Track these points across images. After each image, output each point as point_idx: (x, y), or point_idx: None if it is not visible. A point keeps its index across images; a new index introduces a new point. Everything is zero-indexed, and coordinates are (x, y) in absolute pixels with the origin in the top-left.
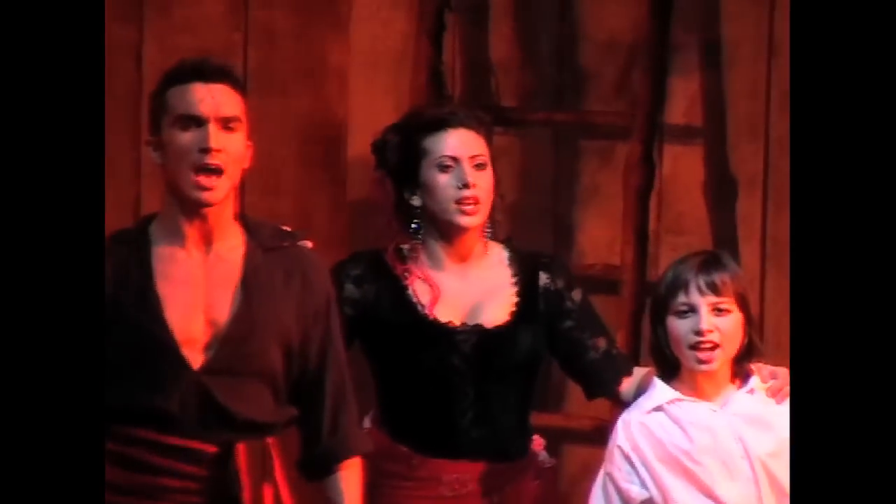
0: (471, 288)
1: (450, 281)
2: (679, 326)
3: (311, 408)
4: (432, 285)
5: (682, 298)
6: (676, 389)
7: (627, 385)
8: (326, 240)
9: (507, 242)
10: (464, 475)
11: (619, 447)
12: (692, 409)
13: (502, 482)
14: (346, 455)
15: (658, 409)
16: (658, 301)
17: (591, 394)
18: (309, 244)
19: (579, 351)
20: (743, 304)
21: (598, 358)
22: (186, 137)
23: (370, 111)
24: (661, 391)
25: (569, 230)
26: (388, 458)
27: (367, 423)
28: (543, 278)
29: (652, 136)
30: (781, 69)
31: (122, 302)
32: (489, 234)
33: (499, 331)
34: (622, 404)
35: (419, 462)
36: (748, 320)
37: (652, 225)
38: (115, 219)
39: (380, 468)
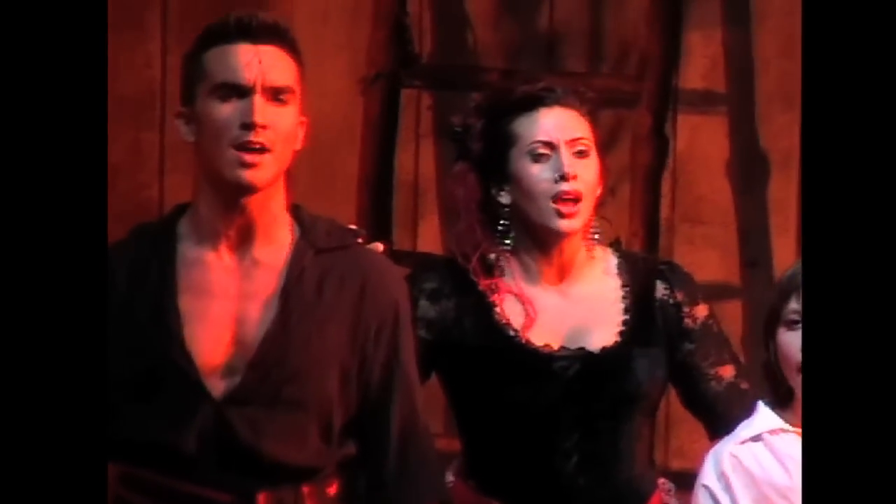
0: (574, 306)
1: (548, 298)
2: (790, 342)
3: (373, 445)
4: (526, 304)
5: (793, 305)
6: (786, 421)
7: None
8: None
9: (614, 245)
10: None
11: (704, 486)
12: (798, 444)
13: None
14: (416, 503)
15: (756, 438)
16: (771, 311)
17: (711, 433)
18: (379, 247)
19: (696, 380)
20: None
21: (720, 391)
22: (226, 110)
23: (319, 73)
24: (763, 418)
25: None
26: None
27: (449, 476)
28: (661, 289)
29: (665, 105)
30: None
31: (135, 314)
32: (596, 237)
33: (607, 354)
34: None
35: None
36: None
37: (665, 212)
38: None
39: None
